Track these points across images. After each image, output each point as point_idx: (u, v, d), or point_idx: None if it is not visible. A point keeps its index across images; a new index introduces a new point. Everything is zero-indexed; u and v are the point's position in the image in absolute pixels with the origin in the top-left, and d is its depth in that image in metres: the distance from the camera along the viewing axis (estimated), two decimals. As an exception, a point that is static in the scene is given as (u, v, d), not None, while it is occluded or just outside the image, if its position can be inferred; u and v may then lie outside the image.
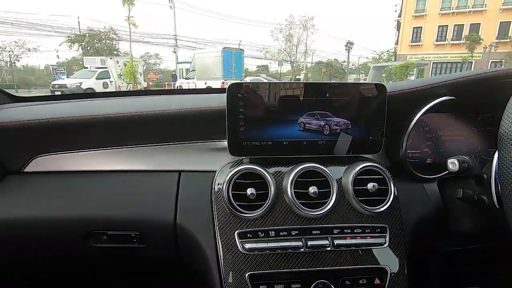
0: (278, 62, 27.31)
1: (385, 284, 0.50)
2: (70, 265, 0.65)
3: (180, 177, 0.58)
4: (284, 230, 0.50)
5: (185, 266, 0.60)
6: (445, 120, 0.66)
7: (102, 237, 0.56)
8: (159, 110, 0.56)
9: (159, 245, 0.57)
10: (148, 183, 0.57)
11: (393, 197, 0.53)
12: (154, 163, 0.58)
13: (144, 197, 0.56)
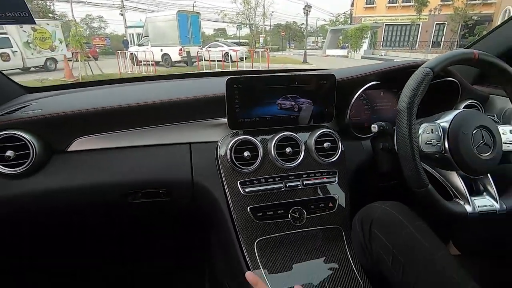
0: (237, 26, 26.35)
1: (335, 206, 0.78)
2: (114, 220, 0.84)
3: (191, 147, 0.78)
4: (270, 178, 0.74)
5: (200, 213, 0.83)
6: (377, 95, 0.93)
7: (138, 195, 0.75)
8: (173, 98, 0.73)
9: (181, 198, 0.78)
10: (168, 153, 0.76)
11: (340, 151, 0.80)
12: (170, 139, 0.76)
13: (167, 163, 0.75)
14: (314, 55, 20.96)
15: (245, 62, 11.62)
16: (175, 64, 12.33)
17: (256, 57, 11.68)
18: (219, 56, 10.77)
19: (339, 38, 23.10)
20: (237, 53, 11.64)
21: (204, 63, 10.38)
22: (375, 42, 23.46)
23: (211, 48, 12.87)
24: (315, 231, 0.76)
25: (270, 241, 0.72)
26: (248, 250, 0.70)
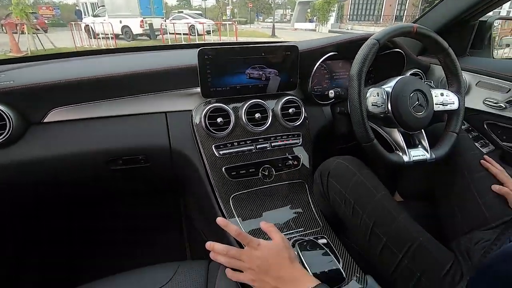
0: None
1: (299, 164, 0.89)
2: (96, 185, 0.89)
3: (167, 116, 0.83)
4: (242, 141, 0.83)
5: (179, 177, 0.90)
6: (337, 65, 1.03)
7: (118, 161, 0.80)
8: (148, 69, 0.77)
9: (160, 163, 0.84)
10: (145, 122, 0.81)
11: (304, 116, 0.89)
12: (147, 108, 0.81)
13: (145, 132, 0.80)
14: (282, 28, 20.72)
15: (212, 36, 11.23)
16: (137, 37, 11.61)
17: (223, 30, 11.32)
18: (184, 29, 10.29)
19: (307, 11, 22.93)
20: (204, 26, 11.18)
21: (169, 37, 9.88)
22: (342, 15, 23.64)
23: (175, 20, 12.20)
24: (283, 186, 0.87)
25: (243, 195, 0.82)
26: (224, 205, 0.80)
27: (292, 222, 0.80)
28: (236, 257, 0.58)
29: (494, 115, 0.96)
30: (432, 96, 0.81)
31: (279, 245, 0.56)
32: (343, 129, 0.96)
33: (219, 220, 0.60)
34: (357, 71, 0.72)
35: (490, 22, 1.06)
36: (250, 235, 0.70)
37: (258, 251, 0.56)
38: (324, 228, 0.79)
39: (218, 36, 10.37)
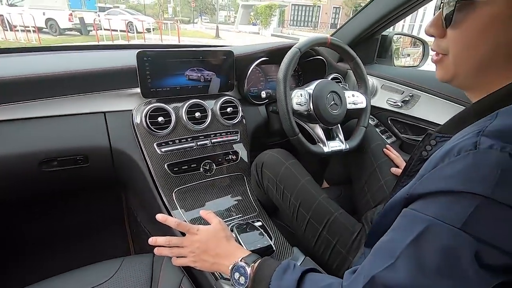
0: (140, -9, 23.59)
1: (238, 158, 0.98)
2: (30, 188, 0.84)
3: (106, 116, 0.84)
4: (183, 138, 0.88)
5: (121, 176, 0.91)
6: (270, 68, 1.14)
7: (52, 163, 0.79)
8: (86, 69, 0.77)
9: (100, 163, 0.84)
10: (84, 122, 0.80)
11: (241, 115, 0.99)
12: (85, 108, 0.80)
13: (83, 132, 0.80)
14: (227, 30, 20.81)
15: (153, 34, 10.75)
16: (65, 32, 10.49)
17: (165, 29, 10.91)
18: (121, 26, 9.66)
19: (250, 14, 23.45)
20: (143, 24, 10.63)
21: (104, 33, 9.16)
22: (283, 20, 24.76)
23: (111, 16, 11.34)
24: (223, 178, 0.95)
25: (186, 189, 0.88)
26: (167, 199, 0.84)
27: (233, 208, 0.89)
28: (178, 245, 0.64)
29: (395, 112, 1.18)
30: (345, 97, 0.97)
31: (216, 227, 0.64)
32: (276, 126, 1.08)
33: (158, 216, 0.66)
34: (283, 75, 0.84)
35: (390, 36, 1.30)
36: (194, 223, 0.77)
37: (197, 235, 0.63)
38: (260, 212, 0.90)
39: (159, 35, 9.96)
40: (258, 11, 20.19)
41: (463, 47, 0.39)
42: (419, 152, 0.48)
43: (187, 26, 21.98)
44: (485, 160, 0.31)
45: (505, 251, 0.29)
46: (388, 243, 0.37)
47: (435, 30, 0.42)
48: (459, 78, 0.42)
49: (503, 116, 0.34)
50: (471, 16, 0.37)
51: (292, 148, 0.95)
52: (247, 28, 21.20)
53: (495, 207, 0.29)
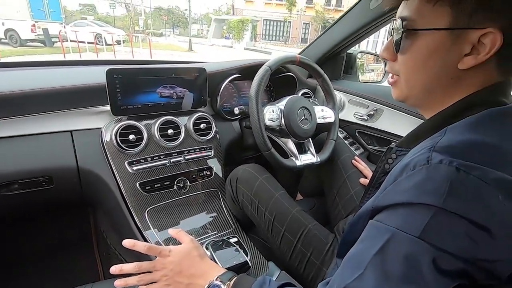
0: (110, 4, 23.13)
1: (212, 174, 0.98)
2: None
3: (73, 135, 0.81)
4: (156, 156, 0.87)
5: (89, 197, 0.87)
6: (243, 84, 1.17)
7: (13, 186, 0.74)
8: (53, 87, 0.74)
9: (67, 184, 0.80)
10: (48, 142, 0.77)
11: (214, 131, 0.99)
12: (50, 127, 0.77)
13: (47, 152, 0.76)
14: (200, 43, 20.88)
15: (124, 47, 10.51)
16: (26, 43, 9.95)
17: (136, 42, 10.72)
18: (90, 38, 9.35)
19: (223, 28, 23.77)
20: (113, 36, 10.37)
21: (71, 45, 8.80)
22: (255, 35, 25.34)
23: (77, 27, 10.97)
24: (198, 195, 0.94)
25: (159, 208, 0.86)
26: (140, 219, 0.82)
27: (208, 225, 0.88)
28: (150, 269, 0.60)
29: (362, 125, 1.25)
30: (315, 112, 1.01)
31: (188, 246, 0.63)
32: (250, 140, 1.10)
33: (125, 242, 0.61)
34: (255, 92, 0.86)
35: (354, 54, 1.39)
36: (167, 243, 0.75)
37: (170, 257, 0.61)
38: (235, 228, 0.90)
39: (130, 47, 9.75)
40: (230, 25, 20.53)
41: (412, 70, 0.44)
42: (382, 165, 0.52)
43: (159, 39, 21.78)
44: (436, 174, 0.34)
45: (458, 257, 0.32)
46: (356, 254, 0.39)
47: (387, 54, 0.47)
48: (411, 98, 0.47)
49: (450, 133, 0.38)
50: (416, 43, 0.42)
51: (265, 162, 0.96)
52: (220, 41, 21.42)
53: (447, 217, 0.32)
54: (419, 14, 0.41)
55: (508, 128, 0.37)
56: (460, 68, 0.40)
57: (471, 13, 0.37)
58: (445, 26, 0.39)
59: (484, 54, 0.37)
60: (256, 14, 26.10)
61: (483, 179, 0.32)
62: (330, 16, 25.67)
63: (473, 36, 0.37)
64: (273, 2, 27.04)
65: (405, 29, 0.42)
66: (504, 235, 0.32)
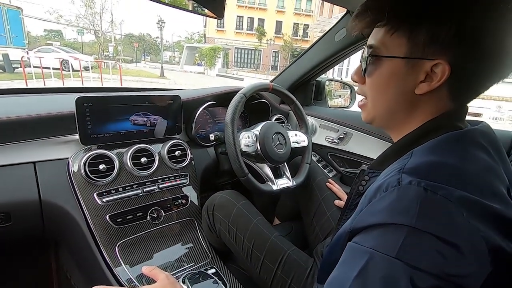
0: (78, 30, 22.78)
1: (188, 203, 0.95)
2: None
3: (36, 166, 0.75)
4: (128, 186, 0.83)
5: (51, 232, 0.80)
6: (218, 111, 1.18)
7: None
8: (13, 116, 0.70)
9: (26, 220, 0.74)
10: (8, 175, 0.71)
11: (189, 158, 0.98)
12: (9, 158, 0.72)
13: (6, 186, 0.70)
14: (172, 69, 20.99)
15: (92, 73, 10.25)
16: (-17, 69, 9.37)
17: (105, 68, 10.51)
18: (55, 64, 9.03)
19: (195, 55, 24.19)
20: (80, 62, 10.11)
21: (34, 71, 8.42)
22: (227, 62, 26.08)
23: (42, 53, 10.57)
24: (173, 225, 0.90)
25: (131, 241, 0.81)
26: (109, 255, 0.76)
27: (184, 257, 0.84)
28: None
29: (333, 149, 1.30)
30: (288, 137, 1.04)
31: (163, 283, 0.59)
32: (226, 166, 1.09)
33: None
34: (230, 119, 0.88)
35: (323, 82, 1.47)
36: (140, 280, 0.70)
37: None
38: (213, 258, 0.86)
39: (99, 74, 9.53)
40: (203, 53, 20.98)
41: (376, 93, 0.49)
42: (356, 187, 0.54)
43: (130, 65, 21.58)
44: (406, 195, 0.36)
45: (431, 273, 0.33)
46: (337, 279, 0.39)
47: (357, 77, 0.52)
48: (377, 119, 0.51)
49: (416, 155, 0.41)
50: (379, 68, 0.47)
51: (241, 188, 0.96)
52: (193, 68, 21.70)
53: (419, 235, 0.34)
54: (381, 43, 0.46)
55: (464, 151, 0.41)
56: (416, 93, 0.44)
57: (424, 45, 0.41)
58: (402, 55, 0.43)
59: (436, 82, 0.42)
60: (227, 42, 27.02)
61: (448, 198, 0.34)
62: (297, 45, 27.27)
63: (426, 65, 0.42)
64: (244, 31, 28.26)
65: (371, 55, 0.47)
66: (471, 250, 0.34)
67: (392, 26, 0.44)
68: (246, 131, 0.97)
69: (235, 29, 28.30)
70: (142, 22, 64.34)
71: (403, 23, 0.43)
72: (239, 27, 28.34)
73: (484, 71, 0.41)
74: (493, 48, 0.39)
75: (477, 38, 0.39)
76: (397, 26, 0.43)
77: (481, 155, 0.41)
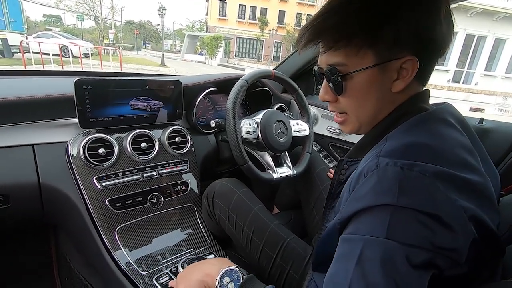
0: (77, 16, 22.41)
1: (187, 189, 0.94)
2: None
3: (34, 149, 0.75)
4: (128, 171, 0.83)
5: (50, 215, 0.80)
6: (218, 98, 1.17)
7: None
8: (13, 97, 0.69)
9: (25, 202, 0.73)
10: (6, 156, 0.70)
11: (190, 144, 0.97)
12: (8, 140, 0.71)
13: (5, 167, 0.70)
14: (173, 58, 20.78)
15: (92, 60, 10.14)
16: (-18, 54, 9.27)
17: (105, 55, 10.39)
18: (55, 50, 8.92)
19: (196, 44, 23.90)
20: (80, 49, 9.99)
21: (34, 56, 8.32)
22: (228, 51, 25.79)
23: (41, 39, 10.43)
24: (172, 211, 0.90)
25: (130, 226, 0.81)
26: (108, 239, 0.76)
27: (183, 243, 0.84)
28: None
29: (334, 139, 1.29)
30: (290, 125, 1.03)
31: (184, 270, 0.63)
32: (226, 154, 1.09)
33: None
34: (232, 105, 0.86)
35: (326, 71, 1.45)
36: (139, 264, 0.70)
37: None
38: (212, 244, 0.87)
39: (99, 61, 9.41)
40: (204, 42, 20.71)
41: (357, 105, 0.50)
42: (337, 176, 0.56)
43: (130, 53, 21.35)
44: (385, 176, 0.38)
45: (422, 248, 0.34)
46: (336, 274, 0.39)
47: (329, 97, 0.52)
48: (363, 127, 0.53)
49: (391, 139, 0.43)
50: (353, 83, 0.48)
51: (241, 176, 0.95)
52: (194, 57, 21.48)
53: (403, 212, 0.35)
54: (347, 59, 0.46)
55: (434, 129, 0.43)
56: (393, 91, 0.46)
57: (389, 48, 0.43)
58: (372, 64, 0.45)
59: (409, 76, 0.45)
60: (229, 31, 26.65)
61: (423, 173, 0.36)
62: (300, 36, 26.81)
63: (396, 64, 0.44)
64: (246, 21, 27.83)
65: (341, 74, 0.47)
66: (452, 219, 0.35)
67: (356, 44, 0.44)
68: (247, 118, 0.96)
69: (237, 18, 27.84)
70: (142, 8, 63.23)
71: (365, 40, 0.44)
72: (241, 16, 27.89)
73: (436, 53, 0.46)
74: (439, 33, 0.44)
75: (429, 29, 0.43)
76: (361, 44, 0.44)
77: (450, 131, 0.44)
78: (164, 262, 0.79)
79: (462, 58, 14.08)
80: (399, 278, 0.34)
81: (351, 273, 0.36)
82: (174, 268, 0.77)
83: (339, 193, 0.54)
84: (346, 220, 0.41)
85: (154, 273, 0.75)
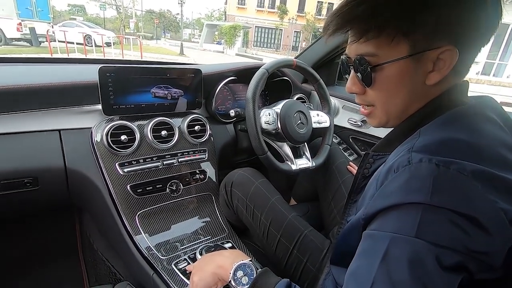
0: (100, 5, 22.84)
1: (206, 178, 0.95)
2: None
3: (61, 134, 0.77)
4: (148, 158, 0.84)
5: (75, 198, 0.83)
6: (238, 87, 1.16)
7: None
8: (41, 84, 0.71)
9: (53, 185, 0.76)
10: (34, 141, 0.73)
11: (209, 133, 0.97)
12: (36, 126, 0.73)
13: (33, 151, 0.72)
14: (191, 47, 20.84)
15: (114, 49, 10.36)
16: (11, 42, 9.67)
17: (126, 44, 10.58)
18: (78, 39, 9.18)
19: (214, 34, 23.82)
20: (103, 38, 10.22)
21: (59, 45, 8.60)
22: (247, 41, 25.53)
23: (66, 28, 10.75)
24: (191, 199, 0.91)
25: (150, 211, 0.83)
26: (130, 223, 0.79)
27: (200, 230, 0.85)
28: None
29: (355, 131, 1.26)
30: (310, 116, 1.01)
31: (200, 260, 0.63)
32: (245, 144, 1.08)
33: None
34: (252, 95, 0.85)
35: (349, 61, 1.40)
36: (158, 249, 0.72)
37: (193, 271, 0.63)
38: (229, 233, 0.87)
39: (120, 50, 9.60)
40: (222, 31, 20.57)
41: (387, 98, 0.47)
42: (362, 170, 0.54)
43: (150, 42, 21.61)
44: (418, 172, 0.35)
45: (454, 250, 0.32)
46: (359, 270, 0.38)
47: (356, 89, 0.49)
48: (391, 121, 0.49)
49: (424, 134, 0.40)
50: (383, 75, 0.44)
51: (259, 166, 0.95)
52: (212, 46, 21.44)
53: (436, 212, 0.33)
54: (378, 50, 0.43)
55: (473, 125, 0.40)
56: (428, 84, 0.43)
57: (427, 37, 0.40)
58: (406, 54, 0.41)
59: (446, 68, 0.41)
60: (248, 21, 26.32)
61: (462, 172, 0.34)
62: (320, 25, 26.09)
63: (432, 55, 0.41)
64: (265, 9, 27.35)
65: (371, 65, 0.44)
66: (490, 223, 0.32)
67: (389, 34, 0.41)
68: (266, 108, 0.94)
69: (256, 6, 27.40)
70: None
71: (399, 28, 0.40)
72: (260, 4, 27.42)
73: (478, 43, 0.42)
74: (483, 21, 0.39)
75: (472, 17, 0.39)
76: (394, 33, 0.41)
77: (491, 128, 0.40)
78: (183, 249, 0.81)
79: (494, 49, 13.21)
80: (427, 279, 0.32)
81: (375, 270, 0.35)
82: (192, 255, 0.78)
83: (362, 188, 0.52)
84: (372, 216, 0.39)
85: (173, 258, 0.77)
